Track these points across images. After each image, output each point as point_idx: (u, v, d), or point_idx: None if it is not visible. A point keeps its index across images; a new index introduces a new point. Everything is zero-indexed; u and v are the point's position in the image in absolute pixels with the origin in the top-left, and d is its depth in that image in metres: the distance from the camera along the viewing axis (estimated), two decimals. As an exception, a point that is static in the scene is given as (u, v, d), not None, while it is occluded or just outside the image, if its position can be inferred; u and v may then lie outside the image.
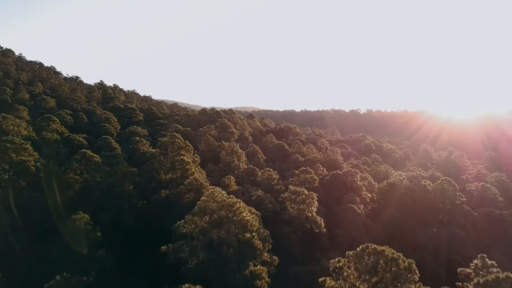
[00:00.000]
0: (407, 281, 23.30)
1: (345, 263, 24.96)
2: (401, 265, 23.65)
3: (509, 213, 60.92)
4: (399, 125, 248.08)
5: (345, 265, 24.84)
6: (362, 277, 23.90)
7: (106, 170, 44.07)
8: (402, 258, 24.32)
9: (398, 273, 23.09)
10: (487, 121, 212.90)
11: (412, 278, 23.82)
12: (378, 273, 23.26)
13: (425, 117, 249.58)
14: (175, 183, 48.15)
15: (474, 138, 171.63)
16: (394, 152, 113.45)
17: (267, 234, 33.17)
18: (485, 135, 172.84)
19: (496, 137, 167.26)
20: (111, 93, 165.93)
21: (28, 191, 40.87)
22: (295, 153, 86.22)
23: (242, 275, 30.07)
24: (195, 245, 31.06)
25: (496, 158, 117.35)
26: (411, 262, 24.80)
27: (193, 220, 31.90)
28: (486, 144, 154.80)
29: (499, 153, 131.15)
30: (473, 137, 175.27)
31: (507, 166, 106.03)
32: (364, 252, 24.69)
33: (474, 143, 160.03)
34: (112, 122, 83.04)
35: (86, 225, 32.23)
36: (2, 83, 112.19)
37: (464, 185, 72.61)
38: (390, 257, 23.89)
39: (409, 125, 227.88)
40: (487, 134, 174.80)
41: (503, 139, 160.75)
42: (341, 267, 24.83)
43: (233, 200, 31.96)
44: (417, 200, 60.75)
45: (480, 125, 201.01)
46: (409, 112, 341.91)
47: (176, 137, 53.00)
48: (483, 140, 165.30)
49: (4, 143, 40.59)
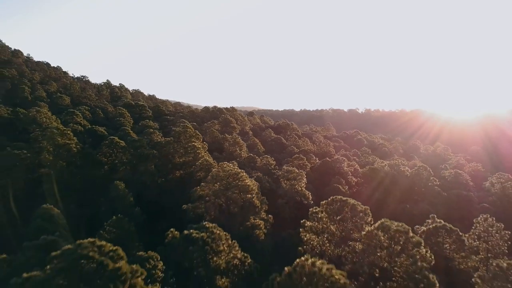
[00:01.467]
0: (362, 220, 33.09)
1: (319, 210, 34.79)
2: (358, 209, 33.48)
3: (476, 195, 70.70)
4: (399, 125, 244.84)
5: (320, 211, 34.68)
6: (331, 218, 33.69)
7: (132, 152, 53.86)
8: (360, 205, 34.15)
9: (356, 213, 32.90)
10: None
11: (367, 219, 33.57)
12: (341, 213, 33.06)
13: (425, 117, 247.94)
14: (188, 165, 58.00)
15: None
16: (384, 146, 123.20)
17: (263, 198, 43.06)
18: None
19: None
20: (118, 92, 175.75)
21: (71, 168, 50.71)
22: (291, 145, 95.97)
23: (245, 226, 39.86)
24: (208, 204, 40.87)
25: (479, 152, 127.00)
26: (367, 208, 34.63)
27: (208, 186, 41.72)
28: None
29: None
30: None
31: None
32: (333, 201, 34.53)
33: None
34: (126, 117, 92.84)
35: (123, 191, 42.02)
36: (21, 82, 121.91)
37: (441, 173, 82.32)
38: (351, 204, 33.73)
39: (410, 125, 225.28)
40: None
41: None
42: (316, 212, 34.69)
43: (237, 170, 41.82)
44: (396, 183, 70.45)
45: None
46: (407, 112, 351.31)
47: (187, 127, 62.86)
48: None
49: (51, 129, 50.40)
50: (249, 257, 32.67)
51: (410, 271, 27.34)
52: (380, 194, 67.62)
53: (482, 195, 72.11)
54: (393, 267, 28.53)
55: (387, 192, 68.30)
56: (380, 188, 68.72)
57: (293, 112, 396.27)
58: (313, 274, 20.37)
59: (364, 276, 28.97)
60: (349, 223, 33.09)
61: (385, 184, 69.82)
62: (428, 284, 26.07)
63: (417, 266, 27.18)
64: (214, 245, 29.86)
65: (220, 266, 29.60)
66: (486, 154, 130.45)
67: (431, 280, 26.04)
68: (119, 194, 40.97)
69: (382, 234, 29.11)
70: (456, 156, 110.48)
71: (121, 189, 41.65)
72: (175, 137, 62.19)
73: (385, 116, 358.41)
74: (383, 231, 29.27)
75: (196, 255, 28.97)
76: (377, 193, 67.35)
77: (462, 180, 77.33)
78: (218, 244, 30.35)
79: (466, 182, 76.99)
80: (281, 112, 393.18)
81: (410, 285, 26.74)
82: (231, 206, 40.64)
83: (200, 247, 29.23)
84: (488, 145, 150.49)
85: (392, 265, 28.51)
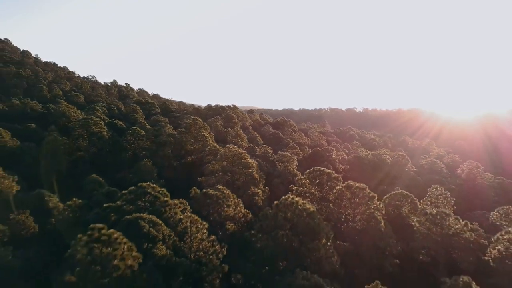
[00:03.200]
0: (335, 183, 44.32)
1: (303, 177, 46.16)
2: (332, 176, 44.82)
3: (447, 179, 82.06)
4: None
5: (303, 178, 46.05)
6: (312, 182, 45.00)
7: (152, 139, 65.22)
8: (333, 173, 45.50)
9: (330, 178, 44.22)
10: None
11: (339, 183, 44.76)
12: (319, 179, 44.39)
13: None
14: (198, 151, 69.31)
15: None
16: (374, 141, 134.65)
17: (262, 173, 54.37)
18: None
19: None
20: (125, 91, 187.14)
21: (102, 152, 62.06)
22: (287, 139, 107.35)
23: (247, 194, 51.08)
24: (218, 178, 52.16)
25: (463, 146, 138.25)
26: (338, 175, 46.01)
27: (217, 163, 53.07)
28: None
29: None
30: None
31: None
32: (314, 171, 45.87)
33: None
34: (139, 112, 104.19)
35: (150, 167, 53.34)
36: (37, 82, 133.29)
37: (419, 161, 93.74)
38: (327, 172, 45.10)
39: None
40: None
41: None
42: (301, 179, 46.07)
43: (241, 151, 53.24)
44: (377, 169, 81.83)
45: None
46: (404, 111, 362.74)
47: (197, 119, 74.22)
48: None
49: (87, 119, 61.77)
50: (250, 213, 43.96)
51: (365, 215, 38.76)
52: (363, 178, 78.56)
53: (452, 179, 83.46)
54: (355, 213, 39.92)
55: (369, 177, 79.54)
56: (363, 173, 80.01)
57: (292, 111, 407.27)
58: (291, 204, 31.73)
59: (334, 220, 40.30)
60: (325, 186, 44.39)
61: (368, 170, 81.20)
62: (376, 222, 37.49)
63: (370, 212, 38.61)
64: (224, 200, 41.09)
65: (229, 215, 40.82)
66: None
67: (378, 219, 37.46)
68: (147, 169, 52.27)
69: (347, 191, 40.49)
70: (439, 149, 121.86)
71: (149, 165, 52.96)
72: (186, 128, 73.45)
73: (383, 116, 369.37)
74: (348, 189, 40.65)
75: (211, 206, 40.22)
76: (361, 177, 78.41)
77: (437, 168, 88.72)
78: (228, 200, 41.58)
79: (440, 169, 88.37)
80: (280, 111, 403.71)
81: (365, 224, 38.15)
82: (236, 179, 51.96)
83: (214, 201, 40.47)
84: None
85: (354, 211, 39.89)
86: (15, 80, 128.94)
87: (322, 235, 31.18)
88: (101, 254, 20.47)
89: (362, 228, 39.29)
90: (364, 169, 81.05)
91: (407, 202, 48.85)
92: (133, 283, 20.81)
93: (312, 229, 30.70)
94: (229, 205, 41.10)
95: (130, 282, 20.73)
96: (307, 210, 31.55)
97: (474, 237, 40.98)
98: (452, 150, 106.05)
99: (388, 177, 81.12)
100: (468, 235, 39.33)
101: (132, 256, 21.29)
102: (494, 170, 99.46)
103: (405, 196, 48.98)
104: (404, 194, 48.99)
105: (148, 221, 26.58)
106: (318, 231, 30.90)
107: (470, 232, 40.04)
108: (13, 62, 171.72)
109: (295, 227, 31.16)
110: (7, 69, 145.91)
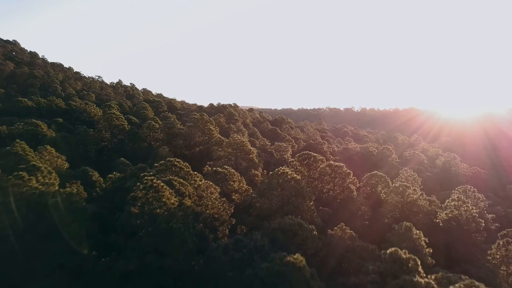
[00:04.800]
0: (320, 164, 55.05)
1: (294, 160, 56.98)
2: (318, 158, 55.62)
3: (426, 169, 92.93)
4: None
5: (294, 160, 56.85)
6: (301, 164, 55.74)
7: (166, 131, 76.06)
8: (319, 156, 56.29)
9: (316, 160, 54.94)
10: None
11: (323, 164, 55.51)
12: (307, 160, 55.17)
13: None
14: (205, 142, 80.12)
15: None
16: (367, 137, 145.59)
17: (260, 158, 65.22)
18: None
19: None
20: (130, 90, 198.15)
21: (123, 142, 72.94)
22: (284, 134, 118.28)
23: (248, 175, 61.89)
24: (224, 162, 62.92)
25: (449, 142, 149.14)
26: (323, 158, 56.78)
27: (223, 149, 63.93)
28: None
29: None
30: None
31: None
32: (303, 154, 56.66)
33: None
34: (148, 110, 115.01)
35: (167, 153, 64.17)
36: (52, 81, 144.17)
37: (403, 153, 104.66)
38: (314, 155, 55.89)
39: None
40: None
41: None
42: (292, 161, 56.87)
43: (243, 139, 64.06)
44: (364, 159, 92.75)
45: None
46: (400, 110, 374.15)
47: (203, 115, 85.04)
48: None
49: (110, 114, 72.61)
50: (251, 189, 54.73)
51: (342, 187, 49.62)
52: (350, 167, 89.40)
53: (431, 168, 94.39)
54: (335, 185, 50.74)
55: (356, 166, 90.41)
56: (351, 162, 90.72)
57: (291, 110, 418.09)
58: (282, 173, 42.53)
59: (318, 192, 51.08)
60: (312, 166, 55.13)
61: (355, 160, 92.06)
62: (350, 192, 48.35)
63: (346, 184, 49.47)
64: (230, 176, 51.83)
65: (234, 188, 51.56)
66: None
67: (351, 189, 48.32)
68: (164, 154, 63.06)
69: (328, 168, 51.31)
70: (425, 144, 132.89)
71: (166, 151, 63.78)
72: (194, 122, 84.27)
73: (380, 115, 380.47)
74: (329, 167, 51.48)
75: (220, 181, 50.95)
76: (348, 166, 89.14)
77: (419, 159, 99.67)
78: (233, 177, 52.33)
79: (422, 160, 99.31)
80: (279, 110, 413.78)
81: (341, 193, 48.98)
82: (239, 163, 62.76)
83: (222, 177, 51.20)
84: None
85: (334, 184, 50.71)
86: (31, 80, 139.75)
87: (306, 197, 42.01)
88: (153, 195, 31.28)
89: (339, 196, 50.24)
90: (352, 159, 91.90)
91: (381, 181, 59.63)
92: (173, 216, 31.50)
93: (298, 191, 41.52)
94: (234, 181, 51.85)
95: (172, 214, 31.45)
96: (294, 178, 42.38)
97: (431, 206, 51.90)
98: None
99: (374, 166, 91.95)
100: (424, 203, 50.19)
101: (173, 198, 32.14)
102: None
103: (379, 176, 59.82)
104: (378, 175, 59.84)
105: (178, 182, 37.39)
106: (302, 193, 41.72)
107: (426, 201, 50.92)
108: (25, 63, 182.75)
109: (285, 190, 41.98)
110: (21, 70, 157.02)
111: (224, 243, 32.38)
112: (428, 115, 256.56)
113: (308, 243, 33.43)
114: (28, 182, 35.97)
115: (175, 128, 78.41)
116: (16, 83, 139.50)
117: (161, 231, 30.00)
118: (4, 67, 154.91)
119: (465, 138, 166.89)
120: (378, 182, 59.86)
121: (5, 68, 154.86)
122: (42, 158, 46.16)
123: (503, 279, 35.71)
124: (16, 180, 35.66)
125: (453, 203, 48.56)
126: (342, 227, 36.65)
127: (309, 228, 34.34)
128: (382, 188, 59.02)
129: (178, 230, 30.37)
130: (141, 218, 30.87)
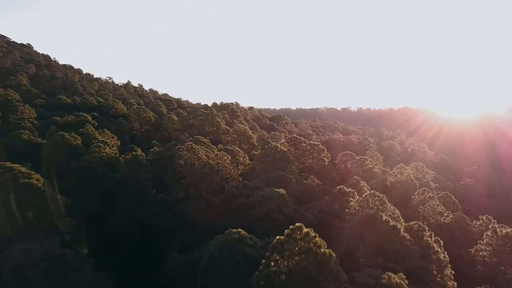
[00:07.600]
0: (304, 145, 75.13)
1: (284, 142, 77.15)
2: (302, 139, 75.78)
3: (397, 155, 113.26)
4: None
5: (284, 142, 77.02)
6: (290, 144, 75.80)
7: (183, 122, 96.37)
8: (303, 139, 76.47)
9: (300, 141, 75.07)
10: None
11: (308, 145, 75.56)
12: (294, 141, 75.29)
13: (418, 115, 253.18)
14: (214, 133, 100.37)
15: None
16: (355, 132, 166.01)
17: (260, 142, 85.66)
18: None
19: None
20: (139, 90, 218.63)
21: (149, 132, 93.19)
22: (280, 128, 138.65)
23: (250, 155, 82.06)
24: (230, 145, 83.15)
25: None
26: (307, 140, 76.97)
27: (231, 135, 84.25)
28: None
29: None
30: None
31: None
32: (292, 138, 76.80)
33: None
34: (162, 107, 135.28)
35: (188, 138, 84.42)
36: (73, 82, 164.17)
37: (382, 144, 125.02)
38: (299, 137, 76.12)
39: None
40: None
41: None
42: (282, 143, 77.08)
43: (245, 127, 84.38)
44: (345, 147, 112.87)
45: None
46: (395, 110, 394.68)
47: (212, 110, 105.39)
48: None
49: (139, 108, 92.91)
50: (252, 163, 74.87)
51: (317, 159, 69.89)
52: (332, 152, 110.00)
53: (402, 155, 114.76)
54: (313, 158, 70.93)
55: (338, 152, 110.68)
56: (333, 149, 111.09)
57: (289, 110, 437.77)
58: (274, 147, 62.71)
59: (301, 164, 71.16)
60: (297, 146, 75.21)
61: (337, 147, 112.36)
62: (323, 162, 68.64)
63: (320, 157, 69.76)
64: (237, 152, 71.91)
65: (240, 161, 71.62)
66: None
67: (324, 160, 68.63)
68: (185, 139, 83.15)
69: (308, 146, 71.53)
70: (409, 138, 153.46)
71: (186, 136, 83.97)
72: (204, 116, 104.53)
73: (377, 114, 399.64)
74: (309, 145, 71.70)
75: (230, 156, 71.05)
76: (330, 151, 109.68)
77: (394, 148, 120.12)
78: (239, 153, 72.43)
79: (396, 149, 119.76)
80: (278, 110, 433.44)
81: (316, 163, 69.23)
82: (242, 146, 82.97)
83: (231, 153, 71.29)
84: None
85: (313, 158, 70.89)
86: (54, 81, 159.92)
87: (290, 162, 62.23)
88: (192, 154, 51.48)
89: (316, 167, 70.43)
90: (334, 147, 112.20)
91: (351, 158, 79.83)
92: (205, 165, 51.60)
93: (284, 158, 61.76)
94: (240, 156, 72.13)
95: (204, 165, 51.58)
96: (282, 149, 62.61)
97: (384, 175, 72.19)
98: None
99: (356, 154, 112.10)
100: (378, 171, 70.40)
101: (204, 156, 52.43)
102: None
103: (350, 155, 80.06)
104: (349, 154, 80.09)
105: (204, 149, 57.62)
106: (287, 159, 61.96)
107: (380, 170, 71.20)
108: (42, 65, 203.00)
109: (275, 158, 62.20)
110: (42, 72, 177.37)
111: (235, 185, 52.62)
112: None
113: (289, 186, 53.65)
114: (103, 150, 56.69)
115: (190, 119, 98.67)
116: (41, 84, 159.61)
117: (198, 174, 50.28)
118: (28, 69, 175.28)
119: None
120: (348, 159, 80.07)
121: (28, 70, 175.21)
122: (104, 137, 66.34)
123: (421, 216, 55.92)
124: (96, 148, 56.35)
125: (398, 170, 68.88)
126: (312, 178, 56.88)
127: (290, 177, 54.59)
128: (351, 164, 79.23)
129: (208, 174, 50.65)
130: (184, 166, 51.14)
